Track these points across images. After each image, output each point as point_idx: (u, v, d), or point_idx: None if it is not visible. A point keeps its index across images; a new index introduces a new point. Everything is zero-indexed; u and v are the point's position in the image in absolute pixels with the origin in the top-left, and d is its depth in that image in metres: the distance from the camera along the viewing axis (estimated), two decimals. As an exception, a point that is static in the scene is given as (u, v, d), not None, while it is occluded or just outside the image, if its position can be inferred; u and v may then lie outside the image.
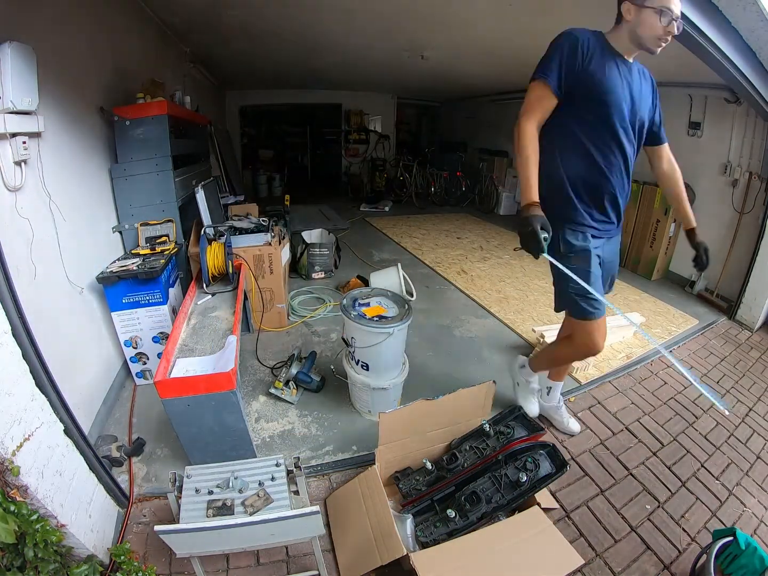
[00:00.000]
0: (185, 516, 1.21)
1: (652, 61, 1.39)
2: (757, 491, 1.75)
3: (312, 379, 2.15)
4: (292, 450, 1.84)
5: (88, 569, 1.16)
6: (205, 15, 2.97)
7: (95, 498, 1.36)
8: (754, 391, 2.43)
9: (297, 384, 2.15)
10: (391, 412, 1.49)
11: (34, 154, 1.57)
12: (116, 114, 2.19)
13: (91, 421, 1.81)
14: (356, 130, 7.93)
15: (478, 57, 4.05)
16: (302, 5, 2.79)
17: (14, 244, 1.40)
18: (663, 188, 1.64)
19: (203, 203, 2.56)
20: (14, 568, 1.00)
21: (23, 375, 1.13)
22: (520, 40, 3.24)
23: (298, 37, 3.62)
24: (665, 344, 2.83)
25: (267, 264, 2.62)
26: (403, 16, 2.93)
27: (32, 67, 1.46)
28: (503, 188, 6.53)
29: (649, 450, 1.93)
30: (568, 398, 2.23)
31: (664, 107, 1.52)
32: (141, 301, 2.03)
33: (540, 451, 1.47)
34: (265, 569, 1.37)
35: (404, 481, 1.57)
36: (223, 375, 1.43)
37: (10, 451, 1.02)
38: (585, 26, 1.37)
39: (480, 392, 1.62)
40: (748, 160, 3.30)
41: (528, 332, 2.81)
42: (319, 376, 2.19)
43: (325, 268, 3.69)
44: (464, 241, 5.02)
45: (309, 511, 1.10)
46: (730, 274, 3.41)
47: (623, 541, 1.50)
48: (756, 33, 1.90)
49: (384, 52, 4.18)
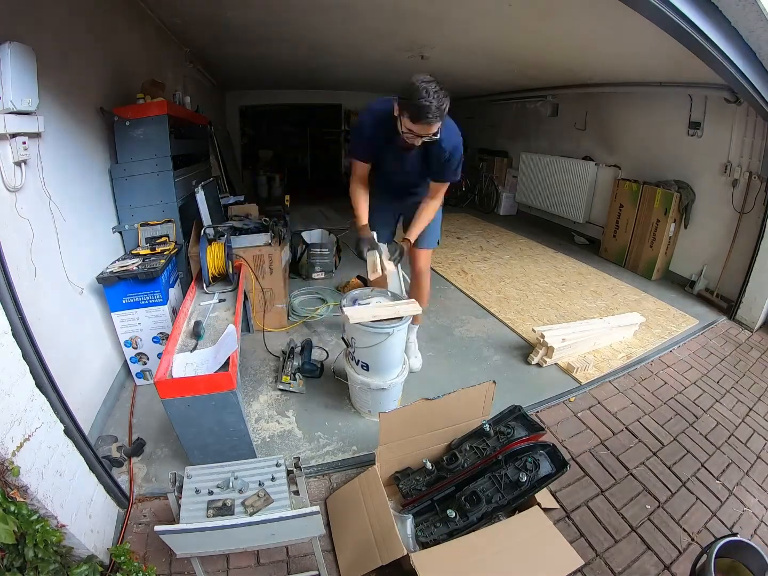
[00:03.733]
0: (185, 516, 1.21)
1: (652, 61, 1.39)
2: (757, 491, 1.75)
3: (316, 366, 2.30)
4: (292, 450, 1.84)
5: (88, 569, 1.16)
6: (205, 15, 2.97)
7: (95, 498, 1.36)
8: (754, 391, 2.43)
9: (303, 374, 2.24)
10: (391, 412, 1.49)
11: (34, 155, 1.57)
12: (116, 114, 2.19)
13: (91, 422, 1.81)
14: (356, 130, 7.92)
15: (478, 57, 4.04)
16: (302, 5, 2.79)
17: (14, 244, 1.40)
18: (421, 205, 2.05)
19: (203, 203, 2.56)
20: (14, 568, 1.00)
21: (23, 375, 1.13)
22: (520, 40, 3.24)
23: (298, 37, 3.62)
24: (665, 344, 2.83)
25: (267, 264, 2.62)
26: (403, 17, 2.93)
27: (32, 68, 1.46)
28: (503, 188, 6.52)
29: (649, 450, 1.93)
30: (568, 398, 2.23)
31: (664, 107, 1.53)
32: (141, 302, 2.03)
33: (540, 451, 1.47)
34: (266, 569, 1.37)
35: (404, 481, 1.56)
36: (223, 375, 1.43)
37: (10, 452, 1.02)
38: (584, 27, 1.38)
39: (480, 392, 1.62)
40: (748, 160, 3.30)
41: (528, 332, 2.81)
42: (318, 362, 2.33)
43: (326, 269, 3.69)
44: (464, 241, 5.02)
45: (309, 511, 1.10)
46: (730, 273, 3.41)
47: (623, 541, 1.50)
48: (756, 33, 1.90)
49: (384, 52, 4.18)
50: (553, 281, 3.80)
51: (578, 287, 3.69)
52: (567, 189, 5.23)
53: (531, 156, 5.84)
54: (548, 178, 5.53)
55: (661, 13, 1.62)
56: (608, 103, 4.65)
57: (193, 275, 2.40)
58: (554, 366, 2.51)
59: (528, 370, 2.50)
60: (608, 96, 4.58)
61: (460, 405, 1.61)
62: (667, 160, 4.01)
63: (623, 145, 4.60)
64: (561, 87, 5.04)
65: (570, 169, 5.15)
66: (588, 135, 5.05)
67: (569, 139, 5.32)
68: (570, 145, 5.31)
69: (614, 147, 4.71)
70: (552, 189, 5.50)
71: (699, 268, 3.72)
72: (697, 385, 2.43)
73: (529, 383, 2.36)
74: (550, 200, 5.58)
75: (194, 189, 2.55)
